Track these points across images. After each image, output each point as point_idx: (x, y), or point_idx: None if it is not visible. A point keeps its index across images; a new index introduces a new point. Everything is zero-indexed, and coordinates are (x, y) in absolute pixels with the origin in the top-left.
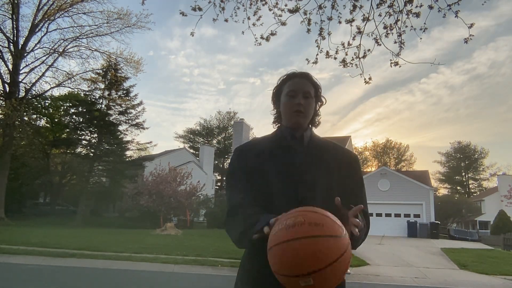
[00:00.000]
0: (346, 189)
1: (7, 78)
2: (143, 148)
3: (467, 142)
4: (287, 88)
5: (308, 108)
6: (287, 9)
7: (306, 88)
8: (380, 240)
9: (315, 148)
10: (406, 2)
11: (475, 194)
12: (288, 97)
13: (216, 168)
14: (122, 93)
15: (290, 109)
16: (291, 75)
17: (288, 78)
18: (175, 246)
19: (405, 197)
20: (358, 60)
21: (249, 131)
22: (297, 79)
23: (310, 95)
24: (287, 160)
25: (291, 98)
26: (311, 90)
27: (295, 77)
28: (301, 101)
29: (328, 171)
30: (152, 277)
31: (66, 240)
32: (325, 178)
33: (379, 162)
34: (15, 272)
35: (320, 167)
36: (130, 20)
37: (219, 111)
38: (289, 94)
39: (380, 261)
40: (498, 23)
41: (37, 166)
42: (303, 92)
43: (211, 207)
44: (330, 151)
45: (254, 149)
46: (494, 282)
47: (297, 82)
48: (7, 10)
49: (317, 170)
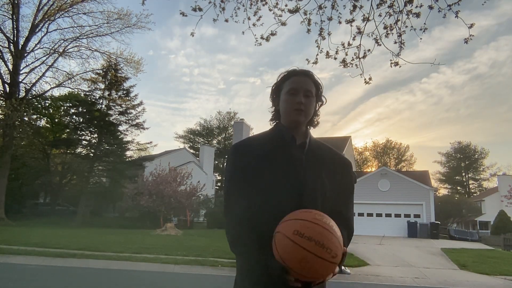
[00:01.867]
0: (339, 192)
1: (7, 78)
2: (143, 148)
3: (467, 142)
4: (288, 86)
5: (308, 107)
6: (287, 9)
7: (307, 87)
8: (380, 240)
9: (314, 151)
10: (406, 2)
11: (475, 194)
12: (289, 95)
13: (216, 168)
14: (122, 93)
15: (290, 107)
16: (292, 73)
17: (289, 75)
18: (175, 246)
19: (405, 197)
20: (358, 60)
21: (249, 131)
22: (299, 77)
23: (311, 94)
24: (285, 160)
25: (292, 96)
26: (313, 89)
27: (297, 75)
28: (302, 99)
29: (325, 173)
30: (152, 277)
31: (66, 240)
32: (323, 180)
33: (379, 162)
34: (15, 272)
35: (318, 169)
36: (130, 20)
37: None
38: (290, 92)
39: (380, 261)
40: (499, 22)
41: (37, 166)
42: (304, 90)
43: (211, 207)
44: (327, 154)
45: (252, 148)
46: (494, 282)
47: (299, 80)
48: (7, 10)
49: (315, 171)
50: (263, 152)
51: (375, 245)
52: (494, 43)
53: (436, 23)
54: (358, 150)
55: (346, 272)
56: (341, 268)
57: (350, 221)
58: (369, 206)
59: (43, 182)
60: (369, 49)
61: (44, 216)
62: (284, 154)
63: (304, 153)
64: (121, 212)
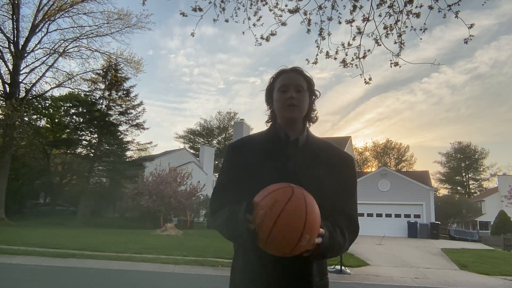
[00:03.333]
0: (338, 189)
1: (8, 78)
2: (143, 149)
3: (467, 143)
4: (279, 84)
5: (301, 101)
6: (287, 9)
7: (298, 82)
8: (380, 240)
9: (310, 148)
10: (406, 3)
11: (475, 194)
12: (280, 92)
13: (216, 168)
14: (122, 94)
15: (282, 104)
16: (281, 71)
17: (278, 74)
18: (175, 246)
19: (405, 198)
20: (358, 60)
21: (249, 132)
22: (288, 74)
23: (302, 89)
24: (281, 159)
25: (283, 93)
26: (304, 84)
27: (286, 72)
28: (294, 94)
29: (323, 171)
30: (152, 278)
31: (66, 240)
32: (319, 176)
33: (379, 163)
34: (15, 272)
35: (315, 166)
36: (130, 20)
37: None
38: (281, 89)
39: (380, 261)
40: (501, 22)
41: (38, 167)
42: (295, 85)
43: None
44: (326, 151)
45: (246, 147)
46: (494, 283)
47: (289, 77)
48: (7, 11)
49: (311, 169)
50: (258, 151)
51: (375, 245)
52: (495, 43)
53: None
54: (358, 150)
55: (346, 272)
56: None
57: (353, 219)
58: (369, 206)
59: (43, 182)
60: (369, 49)
61: (44, 216)
62: (277, 152)
63: (299, 149)
64: (121, 212)
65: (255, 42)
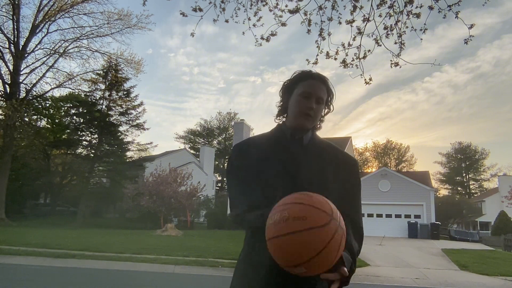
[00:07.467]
0: (342, 192)
1: (8, 78)
2: (143, 149)
3: (467, 143)
4: (302, 88)
5: (317, 114)
6: (288, 9)
7: (320, 94)
8: (381, 241)
9: (314, 149)
10: (407, 3)
11: (476, 195)
12: (301, 98)
13: (216, 169)
14: (123, 94)
15: (300, 110)
16: (309, 75)
17: (305, 77)
18: (175, 246)
19: (406, 198)
20: (358, 60)
21: (250, 132)
22: (315, 81)
23: (322, 101)
24: (286, 159)
25: (304, 99)
26: (325, 96)
27: (313, 79)
28: (314, 105)
29: (326, 172)
30: (152, 278)
31: (67, 241)
32: (323, 175)
33: (380, 163)
34: (15, 272)
35: (318, 167)
36: (130, 21)
37: (220, 111)
38: (303, 95)
39: (380, 262)
40: (504, 20)
41: (38, 167)
42: (317, 97)
43: (211, 208)
44: (330, 152)
45: (253, 148)
46: (494, 283)
47: (314, 85)
48: (7, 11)
49: (315, 170)
50: (263, 151)
51: (376, 245)
52: (498, 41)
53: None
54: (359, 151)
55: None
56: None
57: (359, 223)
58: (370, 207)
59: (44, 182)
60: (369, 50)
61: (44, 217)
62: (282, 150)
63: (304, 152)
64: (121, 213)
65: (255, 42)
